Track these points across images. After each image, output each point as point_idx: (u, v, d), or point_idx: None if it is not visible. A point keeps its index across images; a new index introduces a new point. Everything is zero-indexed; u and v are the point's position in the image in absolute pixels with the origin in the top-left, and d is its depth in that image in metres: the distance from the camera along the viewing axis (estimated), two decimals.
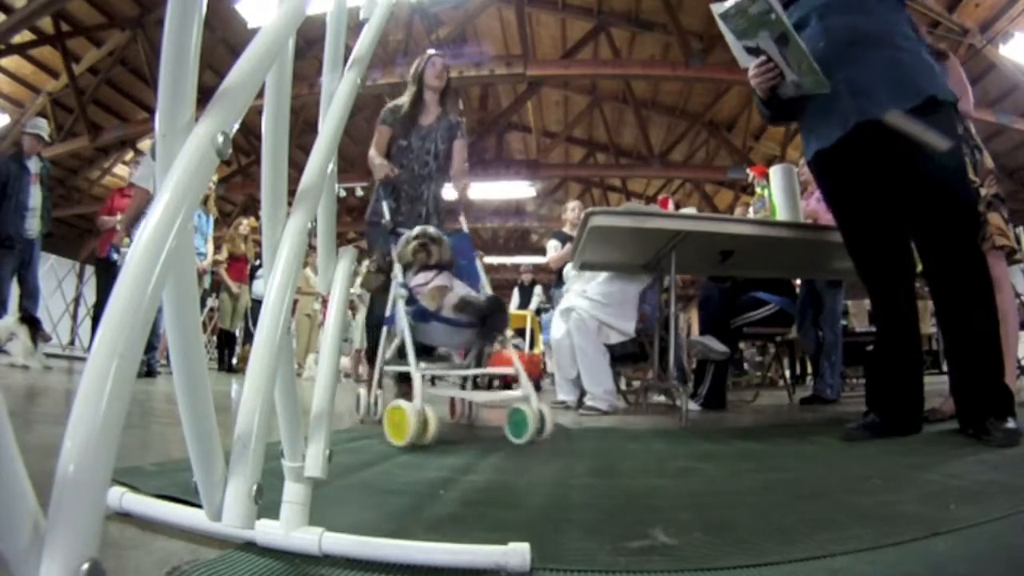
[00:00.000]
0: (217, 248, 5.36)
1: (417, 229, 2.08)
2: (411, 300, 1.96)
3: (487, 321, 1.90)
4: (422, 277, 2.01)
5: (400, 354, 1.99)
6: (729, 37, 1.75)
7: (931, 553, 0.71)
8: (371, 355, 2.64)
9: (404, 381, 2.48)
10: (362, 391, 2.24)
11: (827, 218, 2.31)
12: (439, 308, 1.92)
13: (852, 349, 3.72)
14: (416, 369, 1.77)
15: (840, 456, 1.56)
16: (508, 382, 5.97)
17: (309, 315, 6.43)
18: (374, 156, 2.56)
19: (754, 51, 1.73)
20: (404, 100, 2.65)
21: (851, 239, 1.85)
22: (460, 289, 2.02)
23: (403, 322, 1.91)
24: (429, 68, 2.62)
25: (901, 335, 1.77)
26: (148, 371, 4.18)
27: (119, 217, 4.18)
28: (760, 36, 1.66)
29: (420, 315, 1.91)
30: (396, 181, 2.50)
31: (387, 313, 2.16)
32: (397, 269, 2.07)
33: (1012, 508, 0.90)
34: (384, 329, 2.20)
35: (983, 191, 2.22)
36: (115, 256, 4.11)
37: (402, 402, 1.65)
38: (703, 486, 1.18)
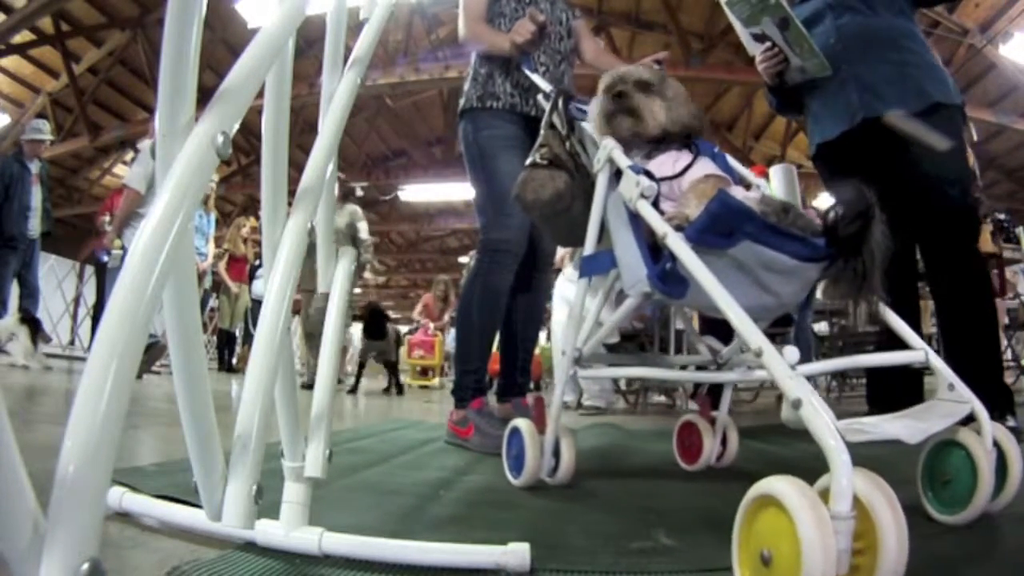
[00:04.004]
0: (217, 247, 5.36)
1: (608, 75, 1.12)
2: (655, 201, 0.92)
3: (863, 243, 0.81)
4: (667, 160, 1.03)
5: (624, 340, 1.02)
6: (737, 26, 1.76)
7: (932, 553, 0.71)
8: (509, 347, 1.83)
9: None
10: (526, 434, 1.10)
11: None
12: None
13: (852, 349, 3.73)
14: (792, 373, 0.67)
15: None
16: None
17: None
18: (474, 22, 1.75)
19: (760, 38, 1.75)
20: None
21: None
22: (735, 188, 0.99)
23: (679, 250, 0.81)
24: None
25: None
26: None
27: (108, 219, 4.18)
28: (764, 22, 1.68)
29: (720, 222, 0.80)
30: (534, 48, 1.63)
31: (591, 247, 1.06)
32: (608, 145, 1.04)
33: (1012, 508, 0.90)
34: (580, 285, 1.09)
35: None
36: (105, 258, 4.09)
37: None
38: (704, 486, 1.18)
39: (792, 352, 0.70)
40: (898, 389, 1.77)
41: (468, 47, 1.82)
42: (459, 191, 9.14)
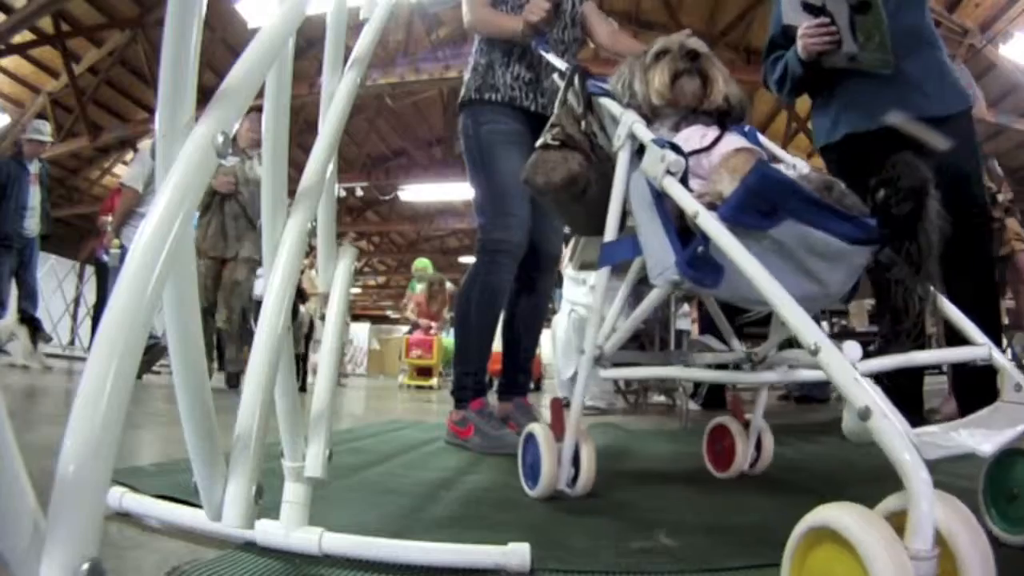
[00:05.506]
0: None
1: (664, 39, 1.03)
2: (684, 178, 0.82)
3: (918, 224, 0.72)
4: (694, 133, 0.94)
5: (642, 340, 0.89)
6: None
7: None
8: (511, 348, 1.84)
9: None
10: (542, 442, 1.01)
11: None
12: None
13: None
14: (857, 375, 0.57)
15: (842, 455, 1.56)
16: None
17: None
18: (480, 7, 1.70)
19: (814, 10, 1.59)
20: None
21: None
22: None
23: (714, 231, 0.72)
24: None
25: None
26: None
27: (109, 218, 4.19)
28: None
29: (759, 198, 0.72)
30: (548, 28, 1.61)
31: (611, 233, 0.98)
32: (628, 119, 0.95)
33: None
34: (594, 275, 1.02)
35: (1000, 196, 2.24)
36: (105, 257, 4.09)
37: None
38: (705, 486, 1.18)
39: (854, 349, 0.60)
40: (903, 389, 1.76)
41: (475, 33, 1.77)
42: (459, 191, 9.13)
